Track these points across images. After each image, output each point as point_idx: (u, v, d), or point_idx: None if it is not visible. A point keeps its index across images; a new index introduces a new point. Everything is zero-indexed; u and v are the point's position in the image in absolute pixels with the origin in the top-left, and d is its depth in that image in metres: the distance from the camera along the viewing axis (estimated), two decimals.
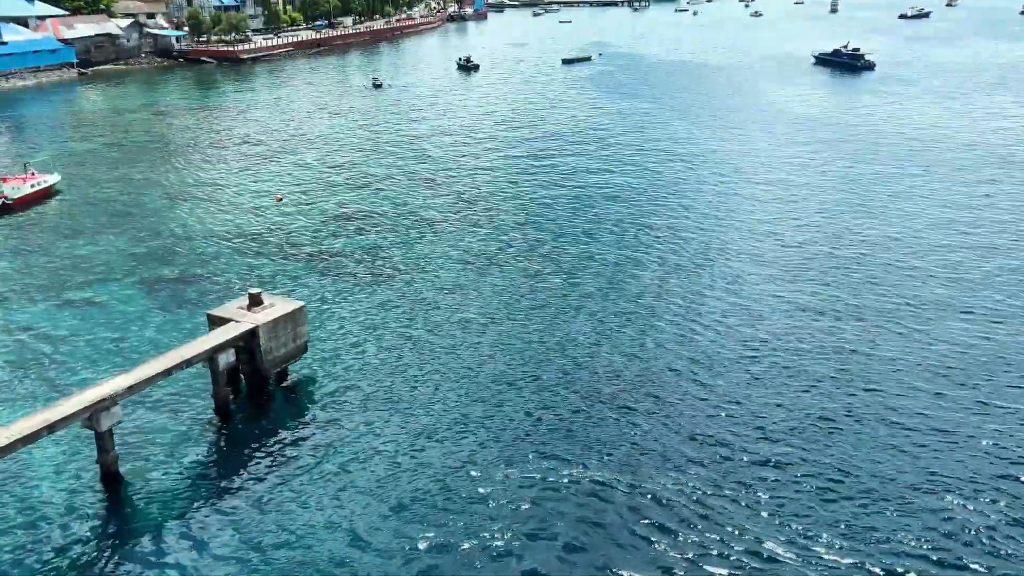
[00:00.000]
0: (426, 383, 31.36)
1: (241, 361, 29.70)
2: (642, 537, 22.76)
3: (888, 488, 24.68)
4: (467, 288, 40.45)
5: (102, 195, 57.71)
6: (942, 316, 36.51)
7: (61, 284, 41.54)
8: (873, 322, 35.91)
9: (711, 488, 24.69)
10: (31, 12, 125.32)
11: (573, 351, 33.65)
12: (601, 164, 65.48)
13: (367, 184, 60.35)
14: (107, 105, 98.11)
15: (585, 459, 26.25)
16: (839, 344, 33.93)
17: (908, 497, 24.28)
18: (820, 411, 28.92)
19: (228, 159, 68.86)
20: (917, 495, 24.38)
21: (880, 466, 25.75)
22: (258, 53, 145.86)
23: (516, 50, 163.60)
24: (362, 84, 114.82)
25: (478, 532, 23.00)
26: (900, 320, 36.10)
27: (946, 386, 30.55)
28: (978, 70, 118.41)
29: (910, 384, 30.71)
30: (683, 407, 29.33)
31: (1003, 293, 38.85)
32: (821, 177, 60.39)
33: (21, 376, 32.22)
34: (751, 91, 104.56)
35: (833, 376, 31.37)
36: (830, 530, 22.85)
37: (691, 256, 44.27)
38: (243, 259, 44.92)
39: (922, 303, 37.89)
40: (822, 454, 26.40)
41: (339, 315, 37.56)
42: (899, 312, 36.93)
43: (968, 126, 78.25)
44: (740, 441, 27.16)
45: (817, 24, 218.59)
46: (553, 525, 23.26)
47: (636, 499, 24.28)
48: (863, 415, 28.65)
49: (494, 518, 23.57)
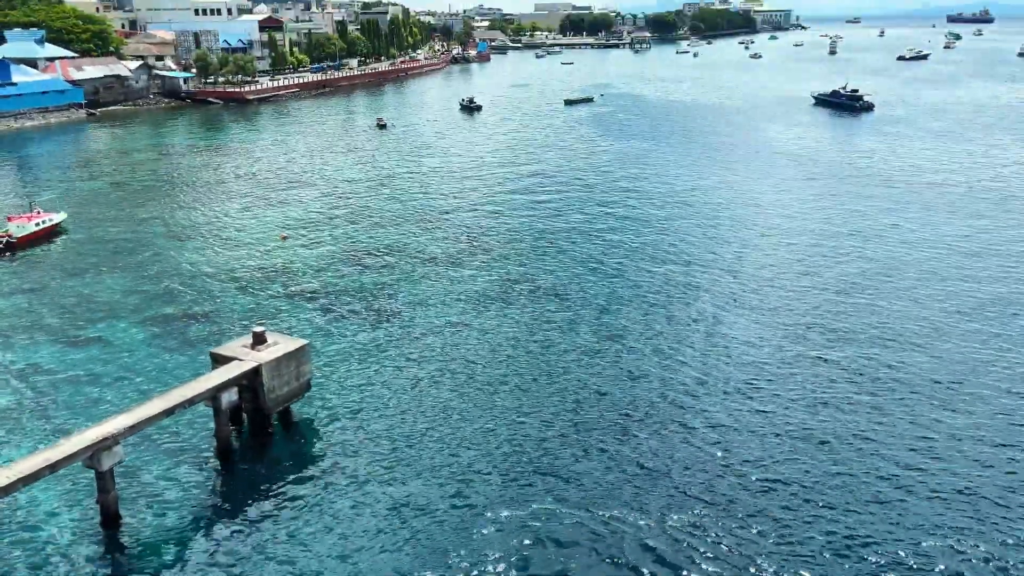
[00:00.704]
0: (428, 421, 31.17)
1: (244, 400, 29.59)
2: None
3: (899, 536, 24.37)
4: (469, 326, 40.42)
5: (107, 234, 58.04)
6: (942, 356, 36.37)
7: (64, 322, 41.57)
8: (871, 361, 35.76)
9: (717, 525, 24.39)
10: (40, 54, 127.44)
11: (577, 390, 33.46)
12: (603, 203, 65.87)
13: (371, 223, 60.68)
14: (114, 145, 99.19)
15: (590, 502, 25.95)
16: (836, 383, 33.75)
17: (920, 545, 23.95)
18: (825, 456, 28.69)
19: (233, 198, 69.37)
20: (927, 541, 24.06)
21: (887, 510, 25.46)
22: (264, 94, 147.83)
23: (519, 91, 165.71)
24: (366, 124, 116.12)
25: (481, 574, 22.68)
26: (897, 358, 35.96)
27: (952, 448, 30.27)
28: (977, 111, 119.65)
29: (912, 430, 30.47)
30: (682, 443, 29.08)
31: (1006, 340, 38.74)
32: (820, 215, 60.63)
33: (23, 415, 32.07)
34: (751, 130, 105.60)
35: (837, 420, 31.13)
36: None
37: (690, 294, 44.25)
38: (248, 297, 45.00)
39: (923, 345, 37.76)
40: (827, 498, 26.12)
41: (342, 353, 37.49)
42: (895, 350, 36.81)
43: (967, 166, 78.80)
44: (744, 478, 26.88)
45: (816, 66, 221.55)
46: (556, 565, 22.94)
47: (647, 538, 23.96)
48: (865, 455, 28.40)
49: (497, 560, 23.25)
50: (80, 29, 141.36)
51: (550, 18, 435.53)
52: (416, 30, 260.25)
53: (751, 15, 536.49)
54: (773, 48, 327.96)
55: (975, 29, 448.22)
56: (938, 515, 25.13)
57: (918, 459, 28.16)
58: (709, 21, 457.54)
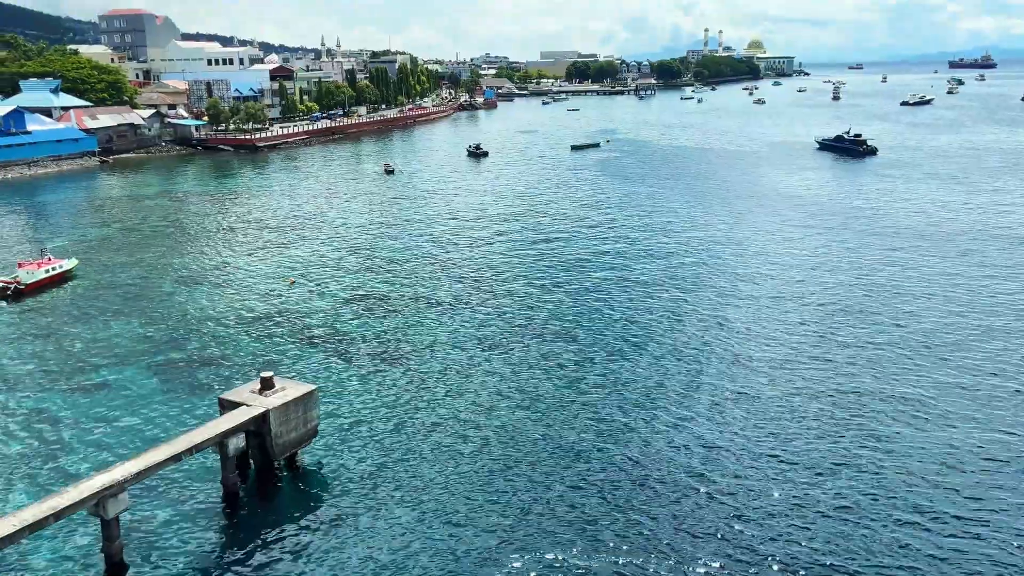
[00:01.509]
0: (436, 468, 30.91)
1: (251, 446, 29.45)
2: None
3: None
4: (476, 371, 40.31)
5: (117, 279, 58.43)
6: (948, 401, 36.03)
7: (72, 368, 41.63)
8: (878, 407, 35.45)
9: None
10: (55, 103, 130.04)
11: (587, 437, 33.20)
12: (609, 247, 66.12)
13: (378, 267, 60.97)
14: (126, 192, 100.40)
15: (599, 548, 25.58)
16: (843, 426, 33.43)
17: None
18: (831, 497, 28.30)
19: (242, 243, 69.91)
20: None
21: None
22: (274, 141, 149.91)
23: (525, 137, 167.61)
24: (374, 170, 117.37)
25: None
26: (904, 404, 35.64)
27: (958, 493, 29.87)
28: (981, 155, 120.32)
29: (917, 473, 30.08)
30: (689, 491, 28.74)
31: (1012, 380, 38.41)
32: (826, 259, 60.66)
33: (29, 461, 31.95)
34: (756, 175, 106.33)
35: (843, 464, 30.77)
36: None
37: (696, 340, 44.13)
38: (256, 341, 45.06)
39: (927, 388, 37.46)
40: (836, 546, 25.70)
41: (349, 398, 37.38)
42: (902, 394, 36.50)
43: (972, 210, 78.97)
44: (749, 533, 26.50)
45: (820, 111, 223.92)
46: None
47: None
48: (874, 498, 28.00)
49: None
50: (95, 79, 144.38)
51: (556, 66, 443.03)
52: (424, 78, 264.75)
53: (754, 62, 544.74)
54: (777, 94, 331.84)
55: (977, 74, 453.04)
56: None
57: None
58: (713, 68, 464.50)
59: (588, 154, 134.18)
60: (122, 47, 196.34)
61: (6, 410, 36.71)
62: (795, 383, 38.05)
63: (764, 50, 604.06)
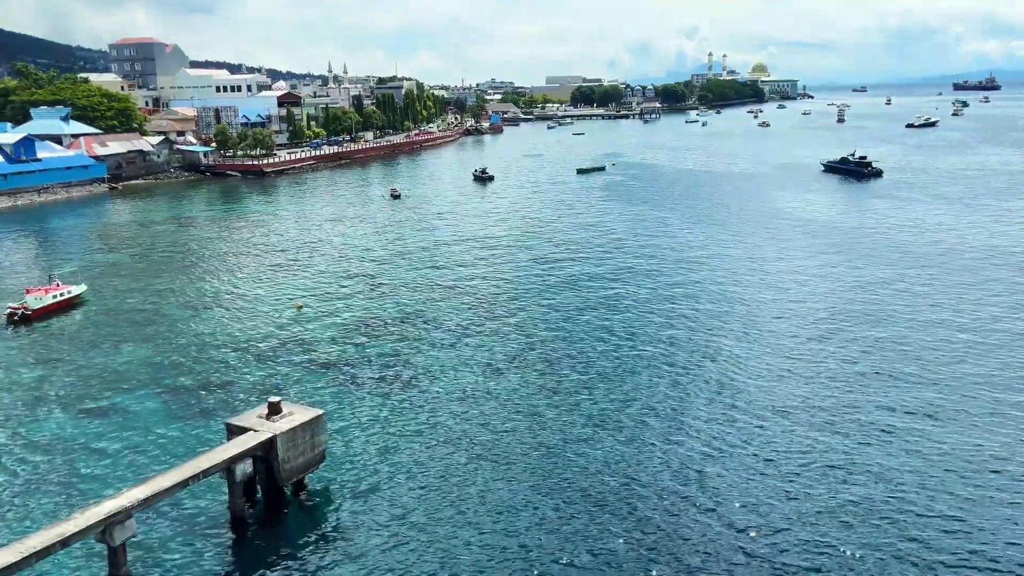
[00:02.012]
0: (444, 493, 30.72)
1: (258, 471, 29.36)
2: None
3: None
4: (484, 395, 40.18)
5: (125, 305, 58.64)
6: (955, 429, 35.74)
7: (78, 394, 41.64)
8: (884, 435, 35.19)
9: None
10: (65, 131, 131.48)
11: (595, 461, 33.00)
12: (616, 270, 66.12)
13: (385, 291, 61.06)
14: (135, 218, 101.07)
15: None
16: (852, 455, 33.17)
17: None
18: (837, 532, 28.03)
19: (249, 268, 70.16)
20: None
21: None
22: (282, 166, 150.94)
23: (531, 161, 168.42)
24: (381, 195, 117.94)
25: None
26: (910, 431, 35.36)
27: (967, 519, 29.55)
28: (987, 177, 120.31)
29: (926, 506, 29.78)
30: (694, 522, 28.50)
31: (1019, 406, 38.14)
32: (831, 280, 60.53)
33: (36, 487, 31.89)
34: (762, 197, 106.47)
35: (849, 500, 30.51)
36: None
37: (705, 363, 43.97)
38: (263, 366, 45.05)
39: (936, 414, 37.18)
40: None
41: (357, 422, 37.26)
42: (909, 415, 36.22)
43: (979, 231, 78.82)
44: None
45: (824, 133, 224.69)
46: None
47: None
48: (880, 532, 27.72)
49: None
50: (105, 107, 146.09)
51: (561, 90, 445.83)
52: (430, 103, 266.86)
53: (759, 85, 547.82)
54: (781, 116, 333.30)
55: (982, 96, 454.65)
56: None
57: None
58: (717, 91, 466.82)
59: (594, 178, 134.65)
60: (132, 75, 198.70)
61: (12, 436, 36.71)
62: (803, 404, 37.81)
63: (768, 73, 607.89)
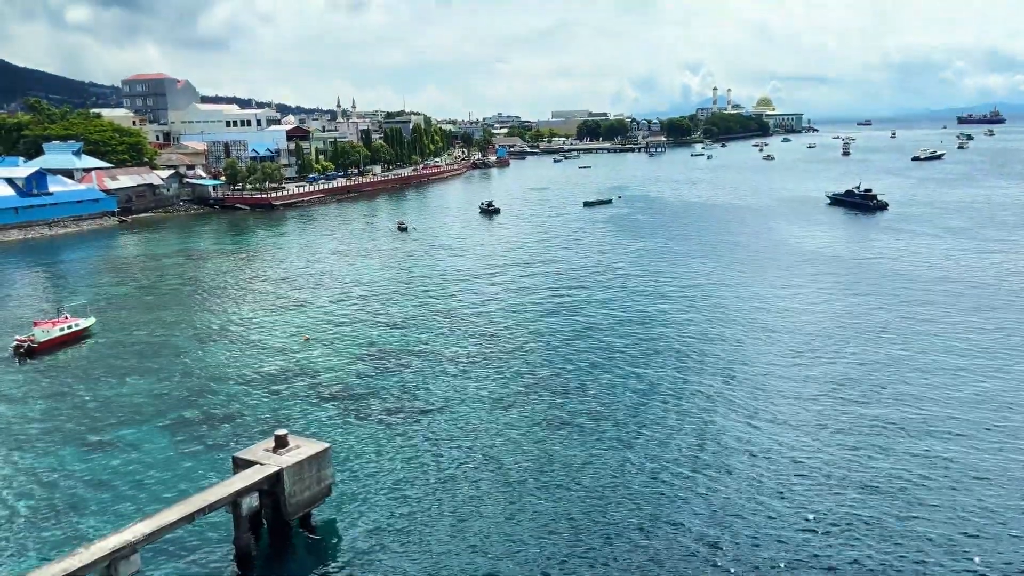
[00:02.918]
0: (451, 527, 30.44)
1: (264, 505, 29.17)
2: None
3: None
4: (491, 428, 39.96)
5: (132, 338, 58.78)
6: (961, 463, 35.38)
7: (84, 427, 41.58)
8: (894, 469, 34.85)
9: None
10: (77, 165, 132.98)
11: (606, 494, 32.73)
12: (622, 302, 66.04)
13: (392, 324, 61.08)
14: (144, 250, 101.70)
15: None
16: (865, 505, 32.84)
17: None
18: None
19: (257, 300, 70.36)
20: None
21: None
22: (290, 200, 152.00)
23: (537, 194, 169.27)
24: (388, 228, 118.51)
25: None
26: (918, 464, 35.02)
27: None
28: (994, 210, 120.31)
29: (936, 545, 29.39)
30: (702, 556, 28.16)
31: None
32: (837, 314, 60.31)
33: (41, 522, 31.74)
34: (767, 230, 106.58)
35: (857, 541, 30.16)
36: None
37: (709, 392, 43.74)
38: (271, 399, 44.98)
39: (942, 451, 36.83)
40: None
41: (363, 456, 37.06)
42: (918, 454, 35.88)
43: (987, 265, 78.63)
44: None
45: (830, 167, 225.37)
46: None
47: None
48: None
49: None
50: (117, 141, 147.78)
51: (567, 124, 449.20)
52: (438, 137, 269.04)
53: (763, 119, 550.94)
54: (786, 150, 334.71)
55: (986, 129, 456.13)
56: None
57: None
58: (722, 125, 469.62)
59: (601, 210, 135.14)
60: (144, 110, 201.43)
61: (17, 469, 36.64)
62: (810, 437, 37.50)
63: (773, 107, 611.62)
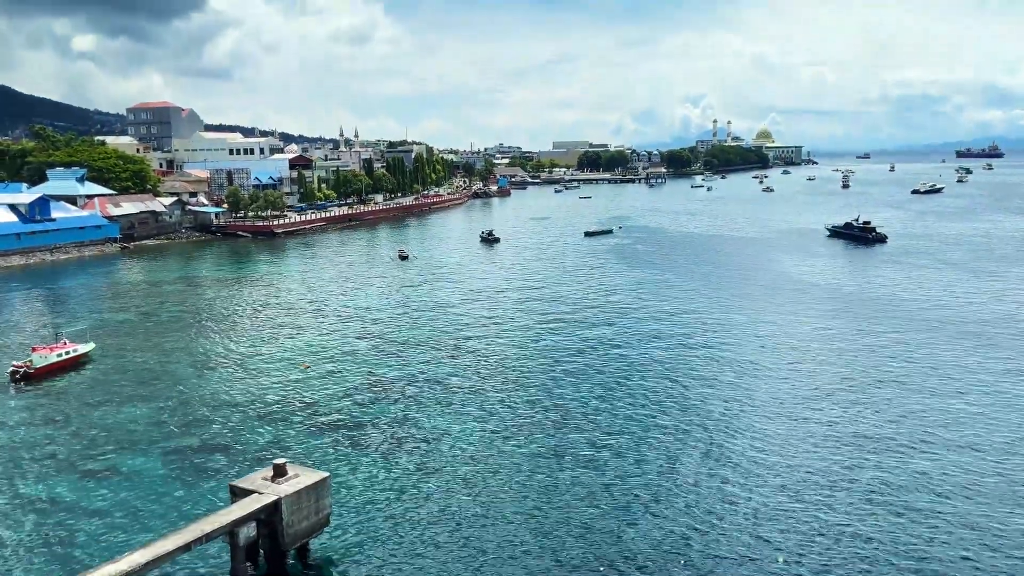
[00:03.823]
0: (451, 558, 30.21)
1: (262, 535, 28.97)
2: None
3: None
4: (490, 458, 39.77)
5: (131, 364, 58.71)
6: (966, 495, 35.21)
7: (81, 455, 41.35)
8: (894, 503, 34.66)
9: None
10: (80, 191, 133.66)
11: (607, 529, 32.52)
12: (620, 332, 66.03)
13: (392, 352, 61.03)
14: (145, 277, 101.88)
15: None
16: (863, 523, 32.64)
17: None
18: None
19: (257, 328, 70.35)
20: None
21: None
22: (292, 227, 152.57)
23: (538, 224, 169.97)
24: (389, 256, 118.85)
25: None
26: (920, 496, 34.84)
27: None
28: (992, 243, 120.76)
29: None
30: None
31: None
32: (835, 346, 60.32)
33: (35, 551, 31.47)
34: (767, 261, 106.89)
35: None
36: None
37: (709, 423, 43.61)
38: (269, 427, 44.82)
39: (944, 485, 36.67)
40: None
41: (362, 486, 36.85)
42: (919, 483, 35.71)
43: (985, 299, 78.73)
44: None
45: (830, 199, 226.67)
46: None
47: None
48: None
49: None
50: (120, 168, 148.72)
51: (568, 155, 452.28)
52: (439, 167, 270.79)
53: (763, 151, 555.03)
54: (786, 182, 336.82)
55: (985, 163, 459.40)
56: None
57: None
58: (722, 157, 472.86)
59: (601, 240, 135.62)
60: (148, 138, 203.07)
61: (11, 497, 36.41)
62: (808, 470, 37.34)
63: (772, 139, 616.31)
